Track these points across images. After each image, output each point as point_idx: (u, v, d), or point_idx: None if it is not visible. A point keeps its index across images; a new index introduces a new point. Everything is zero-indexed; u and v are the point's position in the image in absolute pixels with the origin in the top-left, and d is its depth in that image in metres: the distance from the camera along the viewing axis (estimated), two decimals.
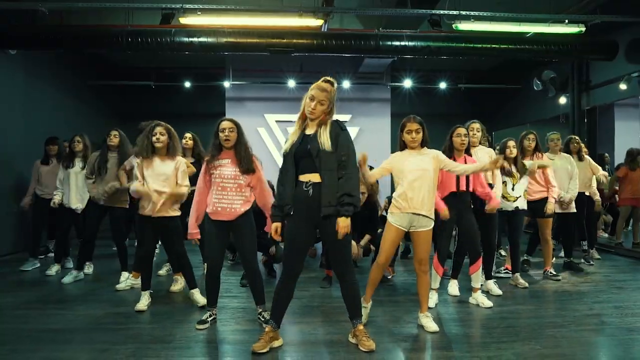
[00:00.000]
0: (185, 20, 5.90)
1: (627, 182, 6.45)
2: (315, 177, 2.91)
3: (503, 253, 5.86)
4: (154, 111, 10.27)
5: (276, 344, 3.05)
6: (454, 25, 6.11)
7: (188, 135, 5.25)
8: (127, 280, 4.68)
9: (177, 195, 3.91)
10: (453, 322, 3.55)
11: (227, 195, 3.38)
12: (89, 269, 5.32)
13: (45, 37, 6.12)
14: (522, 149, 4.87)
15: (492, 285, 4.40)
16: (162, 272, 5.20)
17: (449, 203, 3.80)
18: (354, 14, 7.01)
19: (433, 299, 3.94)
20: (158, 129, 3.87)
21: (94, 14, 6.88)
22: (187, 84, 9.65)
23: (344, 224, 2.83)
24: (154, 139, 3.84)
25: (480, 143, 4.49)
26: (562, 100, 8.41)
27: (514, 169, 4.59)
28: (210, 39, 6.24)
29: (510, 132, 10.41)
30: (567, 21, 6.33)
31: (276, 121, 9.47)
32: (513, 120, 10.40)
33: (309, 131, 3.00)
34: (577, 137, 5.83)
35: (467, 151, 4.10)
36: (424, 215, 3.28)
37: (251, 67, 9.52)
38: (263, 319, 3.46)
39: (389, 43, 6.52)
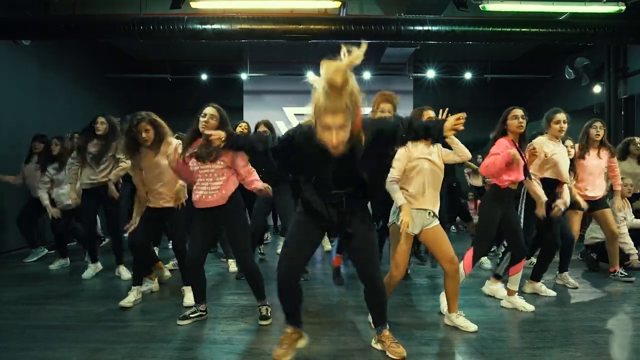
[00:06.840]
0: (196, 4, 5.68)
1: None
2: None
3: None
4: (171, 104, 10.17)
5: (301, 343, 2.68)
6: (481, 6, 5.72)
7: (243, 124, 5.02)
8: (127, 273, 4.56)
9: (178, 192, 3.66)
10: (481, 325, 3.15)
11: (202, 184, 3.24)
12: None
13: (57, 26, 5.96)
14: (587, 138, 4.63)
15: (542, 286, 3.97)
16: (169, 265, 4.90)
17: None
18: None
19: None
20: (142, 126, 3.48)
21: (105, 2, 6.72)
22: (204, 77, 9.45)
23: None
24: (141, 136, 3.48)
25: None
26: (597, 89, 7.91)
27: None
28: (224, 26, 5.97)
29: (540, 124, 9.90)
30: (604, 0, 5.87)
31: (295, 114, 9.21)
32: (543, 112, 9.85)
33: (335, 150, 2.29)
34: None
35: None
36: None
37: (269, 58, 9.29)
38: (260, 315, 3.28)
39: (411, 28, 6.12)
